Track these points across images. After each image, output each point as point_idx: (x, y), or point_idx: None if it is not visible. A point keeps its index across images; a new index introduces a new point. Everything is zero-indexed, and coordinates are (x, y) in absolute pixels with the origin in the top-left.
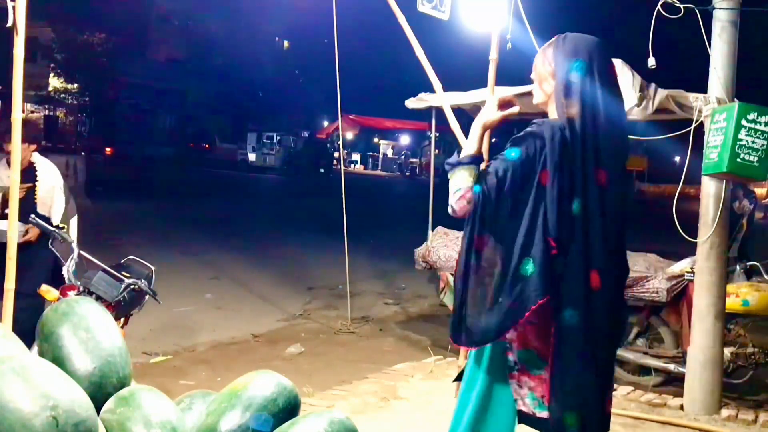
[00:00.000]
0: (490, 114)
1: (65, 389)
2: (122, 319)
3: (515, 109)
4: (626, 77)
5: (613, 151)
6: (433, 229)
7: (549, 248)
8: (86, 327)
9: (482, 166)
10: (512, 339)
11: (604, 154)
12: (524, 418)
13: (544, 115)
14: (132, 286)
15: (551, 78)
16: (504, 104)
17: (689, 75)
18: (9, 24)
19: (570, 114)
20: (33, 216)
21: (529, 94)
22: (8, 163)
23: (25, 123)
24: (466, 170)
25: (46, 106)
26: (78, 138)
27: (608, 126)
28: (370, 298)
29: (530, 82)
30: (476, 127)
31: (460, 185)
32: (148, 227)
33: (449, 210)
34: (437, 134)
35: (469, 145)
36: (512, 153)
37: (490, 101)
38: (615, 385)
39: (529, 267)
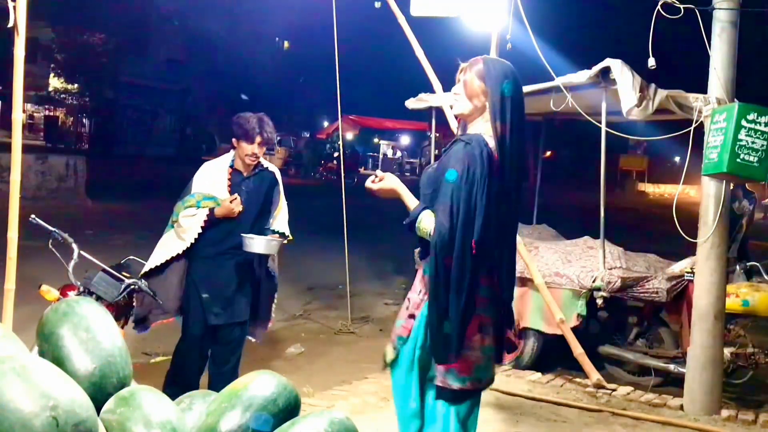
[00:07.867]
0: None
1: (65, 389)
2: (122, 319)
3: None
4: (626, 78)
5: (519, 165)
6: None
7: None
8: (86, 327)
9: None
10: None
11: (518, 167)
12: None
13: (543, 115)
14: (132, 286)
15: (483, 96)
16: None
17: (689, 75)
18: (10, 24)
19: (502, 131)
20: (33, 216)
21: (529, 94)
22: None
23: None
24: (426, 215)
25: (47, 106)
26: (78, 138)
27: (520, 143)
28: (370, 298)
29: (530, 82)
30: (396, 192)
31: (429, 226)
32: (148, 227)
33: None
34: (437, 134)
35: (411, 203)
36: (451, 175)
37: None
38: (615, 385)
39: None
